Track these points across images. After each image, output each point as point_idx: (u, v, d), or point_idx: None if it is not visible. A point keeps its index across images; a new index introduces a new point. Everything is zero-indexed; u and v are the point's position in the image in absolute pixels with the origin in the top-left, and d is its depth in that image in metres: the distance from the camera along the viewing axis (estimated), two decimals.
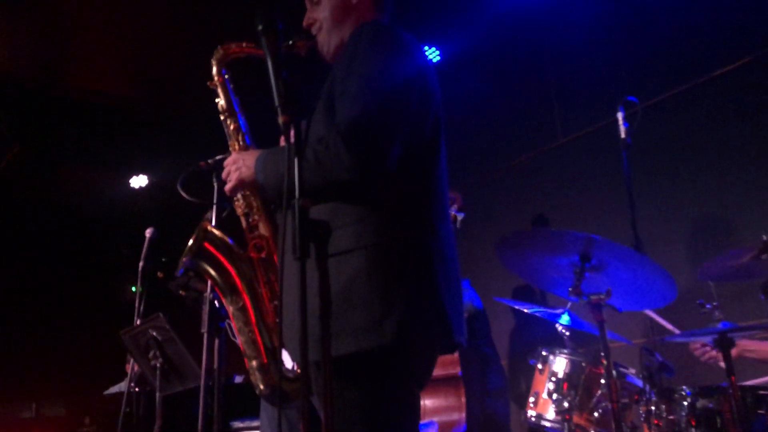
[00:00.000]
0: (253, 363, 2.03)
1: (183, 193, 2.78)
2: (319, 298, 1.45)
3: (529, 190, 5.32)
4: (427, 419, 3.81)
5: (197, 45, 5.99)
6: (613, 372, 2.70)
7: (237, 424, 4.23)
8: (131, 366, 4.19)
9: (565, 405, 3.12)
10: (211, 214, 2.29)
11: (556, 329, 3.47)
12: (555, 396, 3.16)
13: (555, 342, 3.52)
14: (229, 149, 2.23)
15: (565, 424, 3.09)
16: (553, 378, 3.21)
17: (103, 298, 8.27)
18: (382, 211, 1.80)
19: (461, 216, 4.07)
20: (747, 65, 4.08)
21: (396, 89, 1.82)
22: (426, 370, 1.94)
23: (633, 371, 3.24)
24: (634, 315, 3.86)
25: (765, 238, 2.72)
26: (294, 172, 1.50)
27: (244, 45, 2.23)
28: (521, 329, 5.10)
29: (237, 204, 2.14)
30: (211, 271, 2.09)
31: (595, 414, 3.07)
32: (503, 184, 5.55)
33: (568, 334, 3.46)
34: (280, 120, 1.59)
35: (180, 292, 3.90)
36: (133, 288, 7.01)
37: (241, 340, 2.07)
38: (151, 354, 3.61)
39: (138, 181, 7.12)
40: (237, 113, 2.23)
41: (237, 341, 3.71)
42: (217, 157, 2.74)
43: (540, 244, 2.93)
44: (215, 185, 2.75)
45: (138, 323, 3.99)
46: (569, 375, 3.19)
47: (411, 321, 1.74)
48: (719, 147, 4.18)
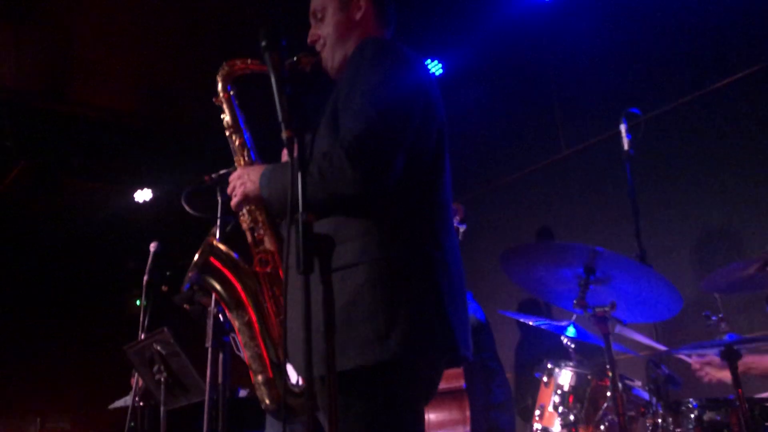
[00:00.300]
0: (259, 378, 2.02)
1: (187, 208, 2.79)
2: (323, 312, 1.45)
3: (533, 202, 5.32)
4: None
5: (201, 61, 6.06)
6: (619, 385, 2.69)
7: None
8: (136, 380, 4.19)
9: (571, 418, 3.10)
10: (216, 228, 2.30)
11: (561, 342, 3.46)
12: (561, 409, 3.14)
13: (560, 355, 3.50)
14: (234, 165, 2.24)
15: None
16: (559, 391, 3.19)
17: (108, 312, 8.28)
18: (386, 225, 1.80)
19: (463, 228, 4.08)
20: (750, 76, 4.09)
21: (399, 103, 1.83)
22: (431, 384, 1.93)
23: (639, 384, 3.22)
24: (639, 327, 3.84)
25: None
26: (297, 186, 1.50)
27: (249, 62, 2.24)
28: (526, 342, 5.09)
29: (242, 219, 2.15)
30: (217, 286, 2.09)
31: (601, 427, 3.05)
32: (507, 196, 5.55)
33: (573, 346, 3.45)
34: (283, 135, 1.60)
35: (184, 306, 3.91)
36: (138, 302, 7.03)
37: (247, 354, 2.07)
38: (156, 368, 3.60)
39: (142, 195, 7.13)
40: (242, 129, 2.25)
41: (241, 355, 3.71)
42: (221, 172, 2.76)
43: (544, 256, 2.92)
44: (219, 200, 2.76)
45: (142, 337, 3.99)
46: (575, 388, 3.17)
47: (416, 335, 1.74)
48: (723, 158, 4.18)
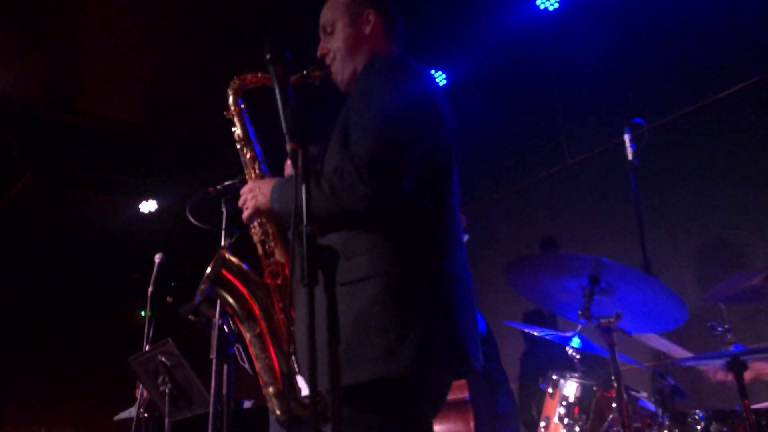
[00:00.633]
0: (270, 389, 2.04)
1: (192, 219, 2.79)
2: (327, 324, 1.45)
3: (537, 212, 5.31)
4: None
5: (206, 72, 6.09)
6: (625, 396, 2.67)
7: None
8: (140, 392, 4.18)
9: (577, 430, 3.08)
10: (228, 241, 2.32)
11: (566, 353, 3.44)
12: (566, 420, 3.12)
13: (565, 366, 3.49)
14: (245, 177, 2.26)
15: None
16: (564, 402, 3.17)
17: (113, 323, 8.28)
18: (396, 239, 1.82)
19: (467, 238, 4.07)
20: (755, 86, 4.08)
21: (409, 121, 1.85)
22: (440, 395, 1.95)
23: (645, 395, 3.20)
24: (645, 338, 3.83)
25: None
26: (302, 198, 1.51)
27: (259, 75, 2.26)
28: (531, 353, 5.07)
29: (253, 231, 2.17)
30: (229, 299, 2.11)
31: None
32: (511, 206, 5.54)
33: (578, 357, 3.43)
34: (288, 147, 1.61)
35: (189, 317, 3.91)
36: (143, 313, 7.03)
37: (258, 366, 2.09)
38: (161, 379, 3.60)
39: (147, 206, 7.14)
40: (253, 142, 2.27)
41: (246, 366, 3.71)
42: (226, 183, 2.77)
43: (549, 266, 2.91)
44: (224, 211, 2.77)
45: (147, 348, 3.98)
46: (580, 399, 3.15)
47: (427, 348, 1.76)
48: (728, 168, 4.17)
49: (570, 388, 3.20)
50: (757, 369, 3.06)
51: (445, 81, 5.74)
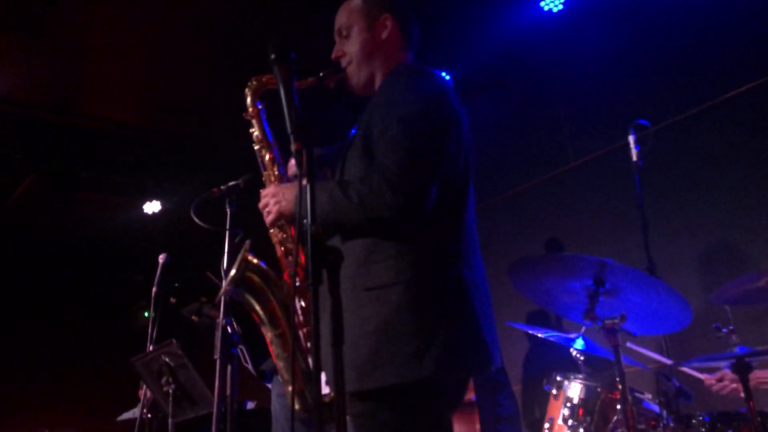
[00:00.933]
0: (290, 388, 2.08)
1: (196, 219, 2.79)
2: (331, 325, 1.45)
3: (541, 214, 5.30)
4: None
5: (209, 74, 6.09)
6: (629, 397, 2.67)
7: None
8: (144, 392, 4.18)
9: (581, 431, 3.08)
10: (249, 243, 2.34)
11: (570, 354, 3.44)
12: (570, 422, 3.12)
13: (570, 367, 3.48)
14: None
15: None
16: (568, 404, 3.17)
17: (116, 323, 8.29)
18: (418, 246, 1.89)
19: None
20: (759, 88, 4.07)
21: (434, 133, 1.93)
22: (460, 392, 2.07)
23: (649, 397, 3.19)
24: (650, 339, 3.82)
25: None
26: (307, 198, 1.52)
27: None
28: (535, 354, 5.06)
29: (273, 233, 2.19)
30: (252, 300, 2.16)
31: None
32: (515, 208, 5.53)
33: (582, 358, 3.42)
34: (292, 147, 1.61)
35: (192, 318, 3.91)
36: (146, 313, 7.04)
37: (279, 365, 2.13)
38: (164, 380, 3.60)
39: (151, 207, 7.15)
40: (272, 144, 2.26)
41: (249, 367, 3.71)
42: (230, 184, 2.77)
43: (553, 268, 2.91)
44: (228, 211, 2.77)
45: (151, 349, 3.98)
46: (584, 400, 3.15)
47: (451, 351, 1.83)
48: (732, 169, 4.16)
49: (574, 389, 3.20)
50: (757, 377, 3.04)
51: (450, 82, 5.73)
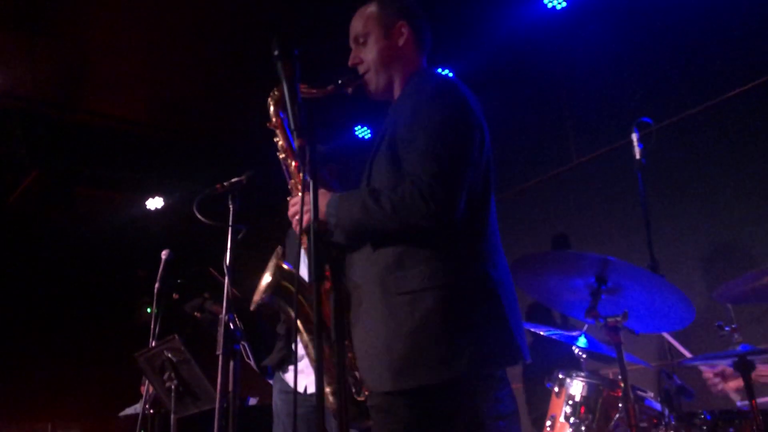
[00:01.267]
0: (328, 389, 2.14)
1: (199, 216, 2.79)
2: (334, 323, 1.46)
3: (544, 212, 5.30)
4: None
5: (212, 71, 6.09)
6: (631, 395, 2.67)
7: None
8: (146, 388, 4.19)
9: (583, 429, 3.08)
10: (282, 249, 2.36)
11: (572, 352, 3.43)
12: (572, 420, 3.12)
13: (572, 365, 3.48)
14: (290, 188, 2.30)
15: None
16: (570, 401, 3.17)
17: (119, 319, 8.31)
18: (448, 251, 1.96)
19: None
20: (763, 86, 4.06)
21: (461, 140, 2.00)
22: (493, 387, 2.09)
23: (651, 395, 3.19)
24: (651, 337, 3.82)
25: None
26: (312, 195, 1.52)
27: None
28: (537, 352, 5.02)
29: (304, 240, 2.20)
30: (287, 306, 2.24)
31: None
32: (517, 206, 5.53)
33: (585, 356, 3.42)
34: (295, 144, 1.62)
35: (195, 314, 3.91)
36: (149, 309, 7.05)
37: (315, 367, 2.16)
38: (166, 376, 3.60)
39: (154, 203, 7.15)
40: (296, 153, 2.27)
41: (251, 363, 3.71)
42: (233, 180, 2.77)
43: (556, 265, 2.91)
44: (231, 207, 2.77)
45: (153, 345, 3.99)
46: (586, 398, 3.14)
47: (483, 349, 1.91)
48: (735, 167, 4.15)
49: (576, 387, 3.19)
50: (758, 372, 3.03)
51: None
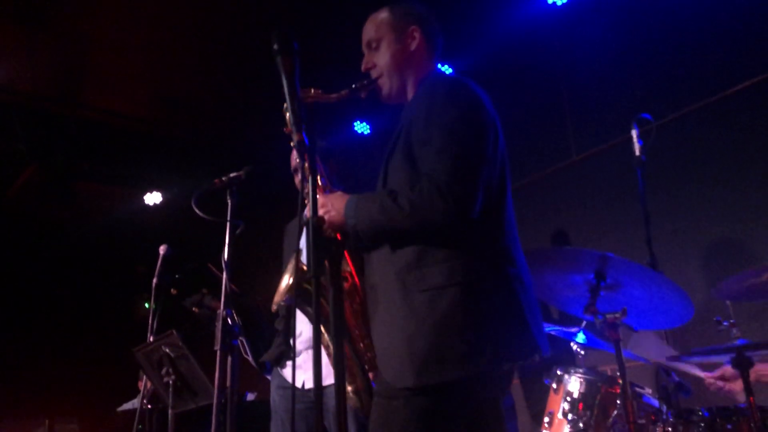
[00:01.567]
0: (349, 387, 2.17)
1: (197, 211, 2.79)
2: (332, 318, 1.46)
3: (543, 207, 5.30)
4: None
5: (212, 68, 6.08)
6: (629, 392, 2.67)
7: None
8: (144, 383, 4.19)
9: (581, 425, 3.08)
10: (301, 252, 2.38)
11: (571, 348, 3.44)
12: (570, 416, 3.12)
13: (570, 361, 3.48)
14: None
15: None
16: (568, 398, 3.17)
17: (117, 314, 8.31)
18: (467, 249, 1.98)
19: None
20: (763, 83, 4.06)
21: (476, 138, 2.03)
22: (510, 379, 2.19)
23: (649, 391, 3.19)
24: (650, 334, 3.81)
25: None
26: (311, 191, 1.52)
27: (311, 92, 2.28)
28: None
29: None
30: (309, 308, 2.25)
31: None
32: (517, 201, 5.46)
33: (583, 353, 3.42)
34: (294, 139, 1.62)
35: (193, 309, 3.90)
36: (147, 305, 7.05)
37: (334, 365, 2.19)
38: (164, 371, 3.60)
39: (152, 199, 7.15)
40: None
41: (249, 359, 3.71)
42: (231, 175, 2.77)
43: (554, 262, 2.91)
44: (229, 202, 2.77)
45: (151, 340, 3.99)
46: (584, 395, 3.15)
47: (502, 345, 1.94)
48: (735, 164, 4.15)
49: (574, 383, 3.20)
50: (758, 371, 3.04)
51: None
